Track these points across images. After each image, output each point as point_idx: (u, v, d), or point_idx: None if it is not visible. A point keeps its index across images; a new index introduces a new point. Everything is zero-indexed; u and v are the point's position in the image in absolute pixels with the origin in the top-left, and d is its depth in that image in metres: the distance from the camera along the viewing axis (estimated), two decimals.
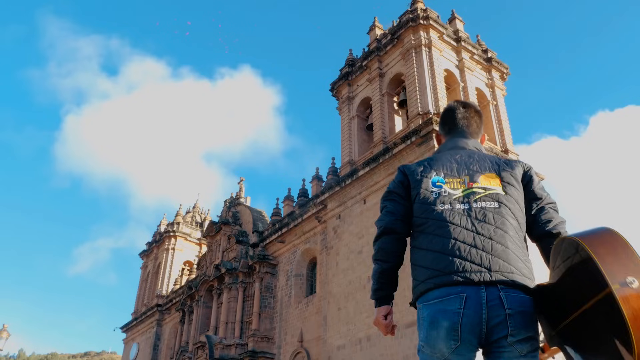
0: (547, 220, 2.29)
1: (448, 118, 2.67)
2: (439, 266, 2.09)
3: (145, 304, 44.71)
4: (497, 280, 2.04)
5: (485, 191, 2.25)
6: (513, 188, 2.28)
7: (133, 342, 44.66)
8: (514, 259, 2.11)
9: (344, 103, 28.80)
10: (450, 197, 2.24)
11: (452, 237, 2.12)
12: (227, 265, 31.66)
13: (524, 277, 2.10)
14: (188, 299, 35.61)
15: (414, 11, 26.39)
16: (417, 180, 2.34)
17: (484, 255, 2.08)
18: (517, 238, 2.17)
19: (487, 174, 2.32)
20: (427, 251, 2.16)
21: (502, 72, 28.45)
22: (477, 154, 2.42)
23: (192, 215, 50.82)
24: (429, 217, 2.22)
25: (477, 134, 2.64)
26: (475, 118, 2.65)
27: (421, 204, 2.28)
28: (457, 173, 2.33)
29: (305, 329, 26.78)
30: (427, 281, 2.11)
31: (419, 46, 25.25)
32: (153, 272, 46.49)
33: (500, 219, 2.18)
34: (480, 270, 2.05)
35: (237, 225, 34.84)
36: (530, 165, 2.44)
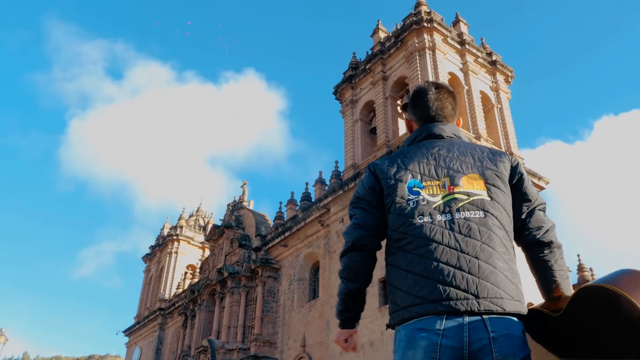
0: (537, 226, 2.11)
1: (419, 101, 2.35)
2: (421, 292, 1.86)
3: (148, 308, 44.61)
4: (485, 311, 1.83)
5: (469, 197, 2.00)
6: (499, 191, 2.04)
7: (136, 345, 44.54)
8: (504, 282, 1.90)
9: (347, 106, 28.67)
10: (430, 207, 1.99)
11: (434, 257, 1.88)
12: (229, 269, 31.51)
13: (514, 301, 1.90)
14: (190, 302, 35.47)
15: (418, 14, 26.26)
16: (391, 187, 2.07)
17: (470, 279, 1.85)
18: (505, 253, 1.96)
19: (470, 175, 2.06)
20: (408, 273, 1.92)
21: (507, 75, 28.27)
22: (457, 146, 2.16)
23: (195, 219, 50.75)
24: (407, 233, 1.96)
25: (453, 117, 2.34)
26: (449, 100, 2.35)
27: (398, 215, 2.02)
28: (436, 174, 2.07)
29: (307, 333, 26.58)
30: (409, 309, 1.87)
31: (422, 49, 25.10)
32: (156, 276, 46.40)
33: (487, 232, 1.94)
34: (467, 297, 1.82)
35: (240, 229, 34.71)
36: (517, 160, 2.20)
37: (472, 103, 25.28)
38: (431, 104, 2.31)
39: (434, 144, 2.19)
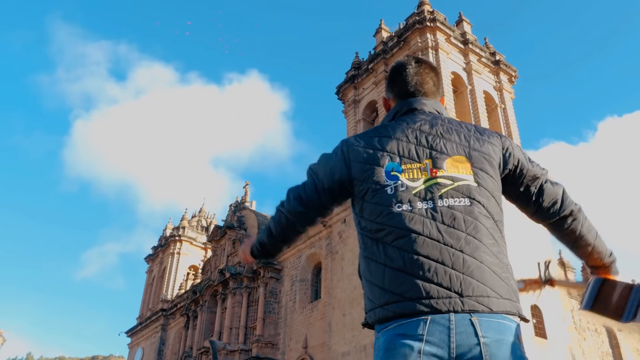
0: (552, 203, 1.92)
1: (397, 76, 2.12)
2: (399, 289, 1.64)
3: (150, 309, 44.56)
4: (470, 310, 1.60)
5: (453, 183, 1.78)
6: (487, 176, 1.82)
7: (138, 346, 44.49)
8: (491, 278, 1.66)
9: (349, 106, 28.53)
10: (410, 193, 1.76)
11: (414, 250, 1.66)
12: (231, 269, 31.40)
13: (503, 300, 1.66)
14: (192, 303, 35.39)
15: (421, 13, 26.13)
16: (367, 172, 1.84)
17: (453, 275, 1.63)
18: (493, 245, 1.73)
19: (455, 158, 1.84)
20: (386, 267, 1.69)
21: (511, 75, 28.09)
22: (441, 121, 1.93)
23: (197, 220, 50.73)
24: (385, 224, 1.74)
25: (435, 94, 2.11)
26: (431, 75, 2.11)
27: (375, 204, 1.79)
28: (417, 155, 1.84)
29: (309, 334, 26.43)
30: (385, 307, 1.66)
31: (425, 48, 24.96)
32: (158, 277, 46.36)
33: (473, 222, 1.72)
34: (450, 295, 1.61)
35: (242, 230, 34.62)
36: (509, 141, 1.97)
37: (476, 103, 25.11)
38: (410, 78, 2.09)
39: (415, 118, 1.97)
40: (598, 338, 26.56)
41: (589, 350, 25.27)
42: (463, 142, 1.88)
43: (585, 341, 25.41)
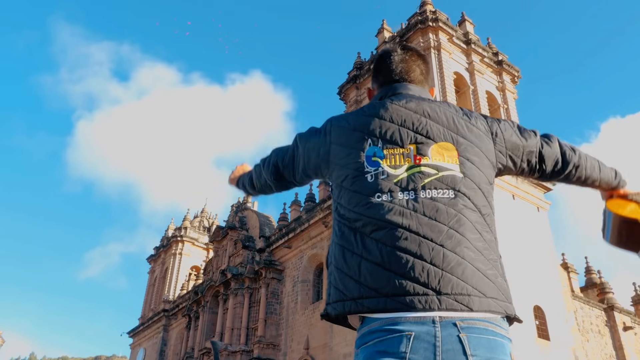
0: (554, 163, 1.86)
1: (382, 64, 2.00)
2: (375, 284, 1.53)
3: (152, 309, 44.53)
4: (448, 308, 1.48)
5: (438, 172, 1.66)
6: (474, 167, 1.70)
7: (140, 347, 44.48)
8: (473, 275, 1.54)
9: (351, 106, 28.45)
10: (390, 182, 1.65)
11: (392, 243, 1.56)
12: (233, 270, 31.33)
13: (487, 299, 1.53)
14: (194, 304, 35.34)
15: (423, 13, 26.04)
16: (347, 156, 1.73)
17: (432, 271, 1.52)
18: (478, 240, 1.61)
19: (441, 144, 1.71)
20: (362, 259, 1.58)
21: (513, 75, 27.98)
22: (428, 102, 1.81)
23: (200, 220, 50.71)
24: (363, 214, 1.63)
25: (422, 83, 1.98)
26: (418, 63, 1.99)
27: (353, 192, 1.68)
28: (400, 139, 1.71)
29: (311, 335, 26.34)
30: (359, 301, 1.55)
31: (427, 48, 24.86)
32: (160, 277, 46.34)
33: (456, 215, 1.60)
34: (426, 293, 1.49)
35: (243, 230, 34.55)
36: (496, 122, 1.84)
37: (478, 103, 25.01)
38: (395, 66, 1.96)
39: (401, 97, 1.83)
40: (601, 339, 26.40)
41: (592, 352, 25.11)
42: (451, 126, 1.75)
43: (588, 343, 25.25)
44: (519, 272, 21.41)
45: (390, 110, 1.77)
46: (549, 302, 22.84)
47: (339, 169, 1.76)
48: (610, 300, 28.54)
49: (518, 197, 24.44)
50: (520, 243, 22.54)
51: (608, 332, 27.04)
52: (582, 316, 25.93)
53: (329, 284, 1.67)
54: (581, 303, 26.61)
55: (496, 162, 1.79)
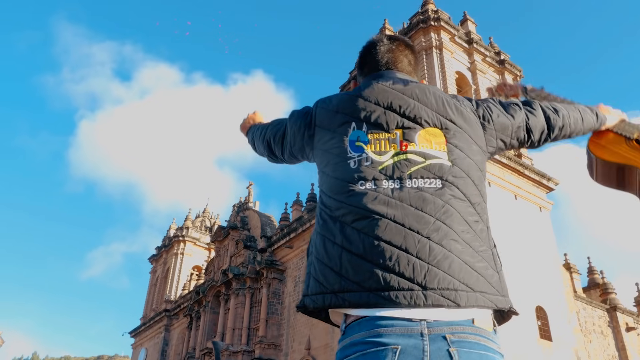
0: (541, 131, 1.81)
1: (367, 55, 1.90)
2: (357, 277, 1.44)
3: (154, 309, 44.52)
4: (434, 304, 1.39)
5: (425, 160, 1.57)
6: (462, 154, 1.62)
7: (141, 347, 44.47)
8: (460, 268, 1.45)
9: None
10: (375, 169, 1.56)
11: (376, 234, 1.46)
12: (234, 270, 31.29)
13: (474, 293, 1.44)
14: (195, 304, 35.30)
15: (425, 12, 25.98)
16: (330, 141, 1.65)
17: (417, 264, 1.42)
18: (466, 232, 1.52)
19: (429, 130, 1.62)
20: (343, 250, 1.48)
21: (516, 75, 27.88)
22: (416, 85, 1.71)
23: (201, 220, 50.69)
24: (345, 202, 1.53)
25: (411, 75, 1.87)
26: (405, 53, 1.88)
27: (335, 179, 1.59)
28: (386, 122, 1.62)
29: (312, 336, 26.27)
30: (340, 295, 1.45)
31: (429, 48, 24.80)
32: (162, 277, 46.34)
33: (443, 206, 1.51)
34: (411, 288, 1.40)
35: (245, 230, 34.51)
36: (482, 105, 1.75)
37: None
38: (381, 56, 1.86)
39: (387, 78, 1.73)
40: (604, 340, 26.30)
41: (594, 353, 25.01)
42: (440, 109, 1.66)
43: (591, 343, 25.15)
44: (521, 272, 21.31)
45: (376, 91, 1.67)
46: (551, 303, 22.74)
47: (322, 153, 1.68)
48: (612, 300, 28.42)
49: (520, 197, 24.34)
50: (523, 243, 22.44)
51: (610, 333, 26.93)
52: (584, 317, 25.82)
53: (308, 275, 1.57)
54: (584, 303, 26.50)
55: (486, 146, 1.72)
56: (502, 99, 1.96)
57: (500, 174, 23.82)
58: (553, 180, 25.71)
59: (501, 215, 22.18)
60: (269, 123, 2.05)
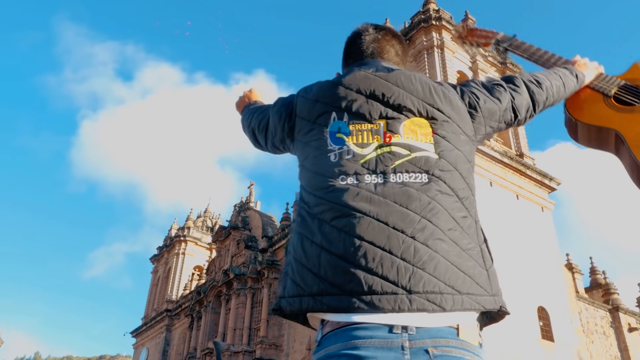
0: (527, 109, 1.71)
1: (353, 45, 1.80)
2: (337, 280, 1.33)
3: (155, 309, 44.52)
4: (419, 308, 1.29)
5: (410, 153, 1.47)
6: (450, 146, 1.52)
7: (143, 347, 44.46)
8: (446, 270, 1.35)
9: None
10: (357, 163, 1.46)
11: (357, 233, 1.36)
12: (235, 270, 31.26)
13: (461, 296, 1.34)
14: (197, 304, 35.29)
15: (426, 12, 25.92)
16: (310, 132, 1.55)
17: (402, 266, 1.32)
18: (453, 230, 1.42)
19: (415, 120, 1.51)
20: (322, 250, 1.38)
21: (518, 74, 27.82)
22: (401, 71, 1.60)
23: (203, 220, 50.67)
24: (324, 198, 1.43)
25: (399, 66, 1.76)
26: (392, 43, 1.78)
27: (314, 174, 1.50)
28: (369, 112, 1.51)
29: (313, 336, 26.18)
30: (318, 298, 1.34)
31: (431, 47, 24.75)
32: (163, 277, 46.33)
33: (430, 203, 1.41)
34: (395, 291, 1.30)
35: (246, 230, 34.49)
36: (467, 92, 1.64)
37: None
38: (366, 46, 1.75)
39: (371, 64, 1.63)
40: (606, 341, 26.20)
41: (597, 353, 24.92)
42: (427, 97, 1.55)
43: (593, 344, 25.06)
44: (523, 273, 21.24)
45: (358, 78, 1.56)
46: (553, 303, 22.65)
47: (302, 146, 1.58)
48: (615, 301, 28.33)
49: (522, 197, 24.26)
50: (524, 243, 22.37)
51: (613, 334, 26.84)
52: (586, 317, 25.72)
53: (285, 275, 1.47)
54: (586, 304, 26.42)
55: (475, 135, 1.61)
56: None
57: (502, 174, 23.75)
58: (555, 180, 25.62)
59: (503, 216, 22.11)
60: (257, 108, 1.96)
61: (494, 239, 20.53)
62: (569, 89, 1.87)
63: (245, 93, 2.17)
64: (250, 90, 2.17)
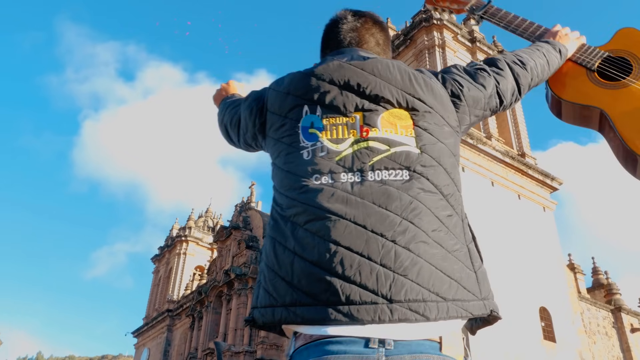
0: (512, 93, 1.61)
1: (329, 34, 1.66)
2: (312, 289, 1.23)
3: (157, 309, 44.52)
4: (401, 318, 1.18)
5: (389, 148, 1.36)
6: (433, 139, 1.40)
7: (144, 347, 44.46)
8: (430, 276, 1.24)
9: None
10: (331, 160, 1.35)
11: (332, 238, 1.25)
12: (236, 270, 31.23)
13: (446, 303, 1.23)
14: (198, 304, 35.27)
15: (427, 11, 25.81)
16: (281, 128, 1.44)
17: (382, 273, 1.21)
18: (438, 230, 1.31)
19: (394, 112, 1.40)
20: (295, 256, 1.27)
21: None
22: (378, 60, 1.48)
23: (204, 220, 50.67)
24: (296, 199, 1.33)
25: (380, 56, 1.61)
26: (372, 31, 1.65)
27: (286, 173, 1.39)
28: (343, 104, 1.40)
29: None
30: (291, 309, 1.24)
31: (432, 47, 24.67)
32: (165, 277, 46.32)
33: (411, 202, 1.30)
34: (375, 300, 1.19)
35: (247, 230, 34.46)
36: (449, 79, 1.52)
37: None
38: (343, 36, 1.62)
39: (346, 53, 1.52)
40: (609, 341, 26.10)
41: (599, 354, 24.82)
42: (407, 86, 1.42)
43: (595, 345, 24.96)
44: (525, 273, 21.15)
45: (331, 68, 1.44)
46: (555, 304, 22.56)
47: (274, 143, 1.46)
48: (617, 301, 28.22)
49: (524, 197, 24.17)
50: (526, 243, 22.28)
51: (615, 334, 26.73)
52: (588, 317, 25.62)
53: (258, 284, 1.35)
54: (588, 304, 26.31)
55: (459, 126, 1.50)
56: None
57: (503, 174, 23.66)
58: (557, 180, 25.52)
59: (504, 216, 22.03)
60: (231, 102, 1.81)
61: (495, 239, 20.47)
62: (553, 67, 1.76)
63: (222, 86, 2.03)
64: (228, 83, 2.04)
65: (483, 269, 1.36)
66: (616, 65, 1.76)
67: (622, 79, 1.72)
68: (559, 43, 1.82)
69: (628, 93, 1.70)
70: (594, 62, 1.79)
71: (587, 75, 1.79)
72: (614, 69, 1.75)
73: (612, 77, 1.74)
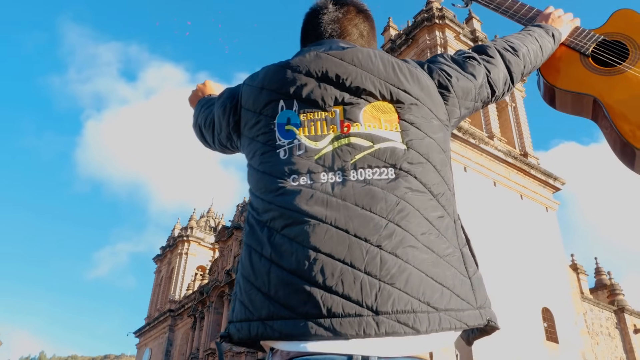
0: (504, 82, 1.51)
1: (309, 25, 1.55)
2: (290, 301, 1.12)
3: (159, 309, 44.53)
4: (388, 332, 1.07)
5: (372, 145, 1.25)
6: (419, 132, 1.29)
7: (146, 347, 44.47)
8: (419, 284, 1.13)
9: None
10: (310, 159, 1.24)
11: (312, 244, 1.14)
12: None
13: (438, 314, 1.12)
14: (199, 304, 35.26)
15: (429, 11, 25.78)
16: (255, 125, 1.33)
17: (366, 282, 1.10)
18: (428, 234, 1.20)
19: (377, 105, 1.28)
20: (272, 265, 1.16)
21: None
22: (359, 49, 1.36)
23: (206, 220, 50.67)
24: (273, 203, 1.22)
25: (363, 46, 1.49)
26: (356, 22, 1.52)
27: (262, 174, 1.28)
28: (322, 98, 1.29)
29: None
30: (268, 323, 1.13)
31: (434, 46, 24.61)
32: (166, 277, 46.34)
33: (398, 203, 1.18)
34: (360, 312, 1.09)
35: None
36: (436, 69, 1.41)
37: None
38: (323, 27, 1.50)
39: (325, 44, 1.42)
40: (612, 342, 25.99)
41: (602, 355, 24.72)
42: (390, 77, 1.31)
43: (598, 345, 24.86)
44: (527, 273, 21.06)
45: (308, 59, 1.33)
46: (558, 304, 22.47)
47: (249, 142, 1.35)
48: (620, 302, 28.11)
49: (526, 197, 24.08)
50: (529, 244, 22.19)
51: (618, 335, 26.62)
52: (591, 318, 25.52)
53: (234, 296, 1.23)
54: (591, 305, 26.20)
55: (449, 119, 1.39)
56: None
57: (506, 174, 23.58)
58: (559, 180, 25.43)
59: (507, 216, 21.95)
60: (206, 101, 1.69)
61: (497, 239, 20.40)
62: (546, 53, 1.66)
63: (198, 86, 1.90)
64: (204, 83, 1.91)
65: (478, 274, 1.25)
66: (612, 49, 1.64)
67: (618, 65, 1.61)
68: (552, 27, 1.71)
69: (624, 80, 1.58)
70: (588, 47, 1.68)
71: (581, 60, 1.67)
72: (610, 53, 1.64)
73: (607, 62, 1.63)
